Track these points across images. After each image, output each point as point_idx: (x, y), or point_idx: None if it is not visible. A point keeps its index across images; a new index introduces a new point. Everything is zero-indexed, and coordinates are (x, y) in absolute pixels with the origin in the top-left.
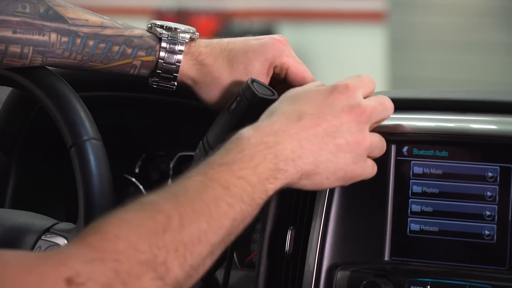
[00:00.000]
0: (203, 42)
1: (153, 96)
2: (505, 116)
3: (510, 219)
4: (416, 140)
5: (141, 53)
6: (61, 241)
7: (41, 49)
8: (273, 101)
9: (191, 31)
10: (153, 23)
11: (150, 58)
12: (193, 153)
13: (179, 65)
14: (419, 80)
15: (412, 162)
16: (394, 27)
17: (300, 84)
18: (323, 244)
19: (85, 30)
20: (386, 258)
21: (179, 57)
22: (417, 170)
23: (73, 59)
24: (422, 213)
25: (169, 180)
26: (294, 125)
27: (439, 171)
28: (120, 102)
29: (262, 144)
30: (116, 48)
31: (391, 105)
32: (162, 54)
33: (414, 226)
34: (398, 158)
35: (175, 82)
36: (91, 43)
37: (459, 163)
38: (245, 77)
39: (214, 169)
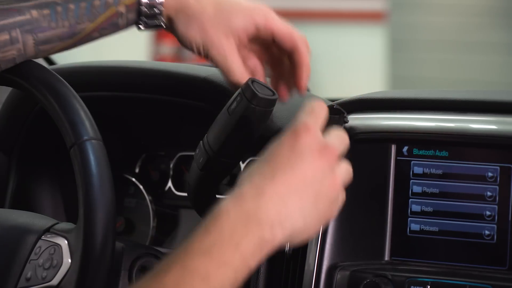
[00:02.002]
0: None
1: (153, 96)
2: (505, 116)
3: (510, 219)
4: (416, 140)
5: None
6: (61, 241)
7: (28, 28)
8: (273, 101)
9: None
10: None
11: None
12: (193, 153)
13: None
14: (419, 80)
15: (412, 162)
16: (394, 27)
17: (289, 44)
18: (323, 244)
19: None
20: (386, 258)
21: None
22: (417, 170)
23: (61, 27)
24: (422, 213)
25: (169, 181)
26: (271, 184)
27: (439, 171)
28: (120, 102)
29: (243, 215)
30: (97, 2)
31: (345, 136)
32: None
33: (414, 226)
34: (398, 158)
35: (163, 18)
36: (72, 6)
37: (459, 163)
38: (227, 24)
39: (193, 259)
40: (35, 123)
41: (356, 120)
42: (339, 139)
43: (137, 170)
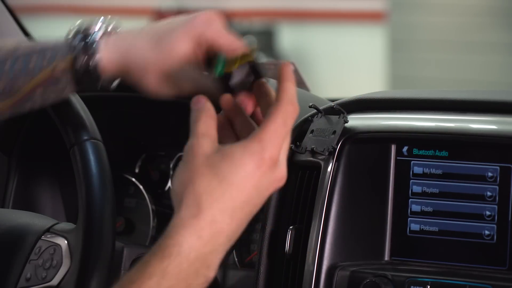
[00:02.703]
0: (125, 31)
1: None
2: (505, 116)
3: (510, 219)
4: (416, 140)
5: (57, 61)
6: (61, 241)
7: None
8: None
9: (106, 24)
10: (70, 29)
11: (68, 64)
12: None
13: (98, 62)
14: (419, 80)
15: (412, 162)
16: (394, 27)
17: (232, 55)
18: (323, 244)
19: None
20: (386, 258)
21: (97, 53)
22: (417, 170)
23: None
24: (422, 213)
25: (169, 181)
26: (229, 221)
27: (439, 171)
28: (120, 102)
29: (200, 259)
30: (32, 64)
31: (285, 125)
32: (77, 56)
33: (414, 226)
34: (398, 158)
35: (102, 79)
36: (6, 67)
37: (459, 163)
38: (174, 57)
39: None
40: (35, 123)
41: (356, 120)
42: (277, 139)
43: (137, 170)
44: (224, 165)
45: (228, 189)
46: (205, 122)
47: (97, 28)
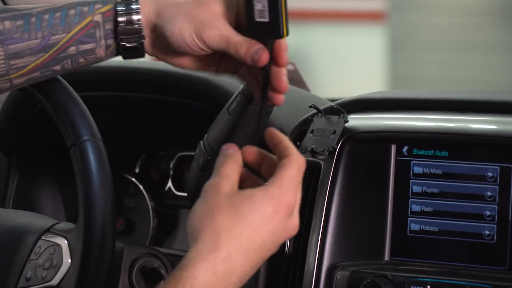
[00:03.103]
0: None
1: (153, 96)
2: (505, 116)
3: (510, 219)
4: (416, 140)
5: (97, 6)
6: (61, 241)
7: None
8: None
9: None
10: None
11: (108, 7)
12: (193, 153)
13: (138, 5)
14: (419, 80)
15: (412, 162)
16: (394, 27)
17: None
18: (323, 244)
19: (38, 9)
20: (386, 258)
21: (137, 2)
22: (417, 170)
23: (34, 38)
24: (422, 213)
25: (169, 181)
26: (243, 261)
27: (439, 171)
28: (120, 102)
29: None
30: (72, 11)
31: (298, 173)
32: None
33: (414, 226)
34: (398, 158)
35: (141, 23)
36: (46, 16)
37: (459, 163)
38: (208, 6)
39: None
40: (35, 123)
41: (356, 120)
42: (293, 186)
43: (137, 170)
44: (244, 206)
45: (246, 230)
46: (231, 166)
47: None
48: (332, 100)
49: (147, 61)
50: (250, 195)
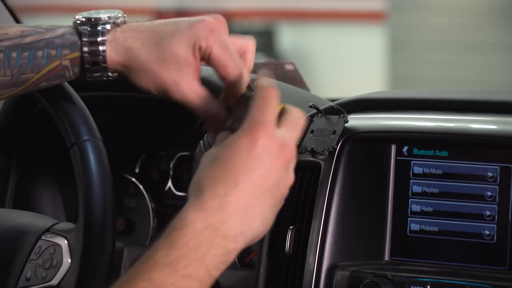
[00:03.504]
0: (131, 26)
1: (153, 96)
2: (505, 116)
3: (510, 219)
4: (416, 140)
5: (65, 51)
6: (61, 241)
7: None
8: None
9: (115, 17)
10: (76, 18)
11: (76, 54)
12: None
13: (105, 55)
14: (419, 80)
15: (412, 162)
16: (394, 27)
17: (222, 74)
18: (323, 244)
19: (6, 43)
20: (386, 258)
21: (103, 47)
22: (417, 170)
23: (3, 76)
24: (422, 213)
25: (169, 181)
26: (235, 193)
27: (439, 171)
28: (120, 102)
29: (209, 228)
30: (39, 53)
31: (299, 120)
32: (85, 48)
33: (414, 226)
34: (398, 158)
35: (109, 73)
36: (14, 54)
37: (459, 163)
38: (172, 61)
39: (158, 272)
40: (35, 123)
41: (356, 120)
42: (293, 129)
43: (137, 170)
44: (221, 152)
45: (225, 167)
46: (271, 111)
47: (105, 20)
48: (332, 100)
49: None
50: (226, 141)
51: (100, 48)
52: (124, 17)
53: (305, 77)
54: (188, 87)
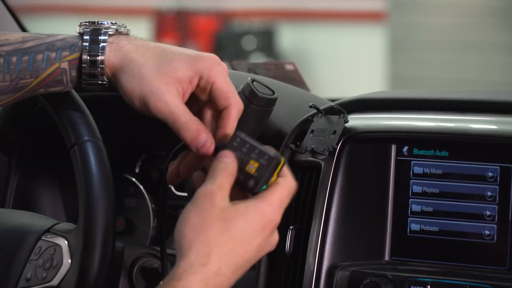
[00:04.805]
0: (138, 40)
1: None
2: (505, 116)
3: (510, 219)
4: (416, 140)
5: (65, 53)
6: (61, 241)
7: None
8: (273, 100)
9: (118, 26)
10: (80, 23)
11: (75, 55)
12: None
13: (104, 53)
14: (419, 80)
15: (412, 162)
16: (394, 27)
17: (223, 103)
18: (323, 244)
19: (6, 48)
20: (386, 258)
21: (103, 44)
22: (417, 170)
23: (2, 81)
24: (422, 213)
25: None
26: (231, 276)
27: (439, 171)
28: (120, 102)
29: None
30: (39, 56)
31: (288, 189)
32: (85, 47)
33: (414, 226)
34: (398, 158)
35: (104, 77)
36: (14, 59)
37: (459, 163)
38: (167, 73)
39: None
40: (35, 123)
41: (356, 120)
42: (281, 207)
43: (137, 170)
44: (236, 222)
45: (237, 246)
46: (227, 177)
47: (108, 26)
48: (332, 100)
49: None
50: (243, 211)
51: (101, 45)
52: (128, 29)
53: (305, 77)
54: (173, 101)
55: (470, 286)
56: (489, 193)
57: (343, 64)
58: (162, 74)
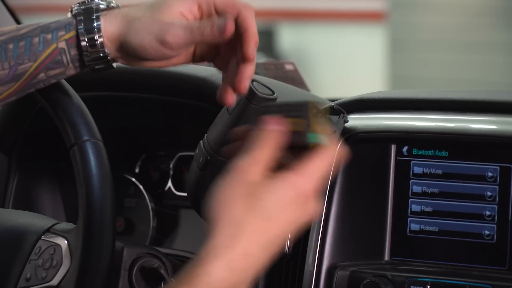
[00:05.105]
0: (125, 5)
1: (153, 96)
2: (505, 116)
3: (510, 219)
4: (416, 140)
5: (61, 33)
6: (61, 241)
7: None
8: (273, 100)
9: (108, 2)
10: (71, 7)
11: (71, 33)
12: (193, 153)
13: (99, 27)
14: (419, 80)
15: (412, 162)
16: (394, 27)
17: (231, 11)
18: (323, 244)
19: (2, 38)
20: (386, 258)
21: (98, 14)
22: (417, 170)
23: (1, 69)
24: (422, 213)
25: (169, 181)
26: (261, 255)
27: (439, 171)
28: (120, 102)
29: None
30: (36, 39)
31: (323, 165)
32: (80, 26)
33: (414, 226)
34: (398, 158)
35: (105, 49)
36: (11, 46)
37: (459, 163)
38: (167, 11)
39: None
40: (35, 123)
41: (356, 120)
42: (314, 177)
43: (137, 170)
44: (264, 198)
45: (265, 223)
46: (267, 151)
47: (98, 2)
48: (332, 100)
49: None
50: (271, 184)
51: (95, 17)
52: (118, 5)
53: (305, 77)
54: (184, 22)
55: (470, 286)
56: (489, 193)
57: (343, 64)
58: (162, 14)
